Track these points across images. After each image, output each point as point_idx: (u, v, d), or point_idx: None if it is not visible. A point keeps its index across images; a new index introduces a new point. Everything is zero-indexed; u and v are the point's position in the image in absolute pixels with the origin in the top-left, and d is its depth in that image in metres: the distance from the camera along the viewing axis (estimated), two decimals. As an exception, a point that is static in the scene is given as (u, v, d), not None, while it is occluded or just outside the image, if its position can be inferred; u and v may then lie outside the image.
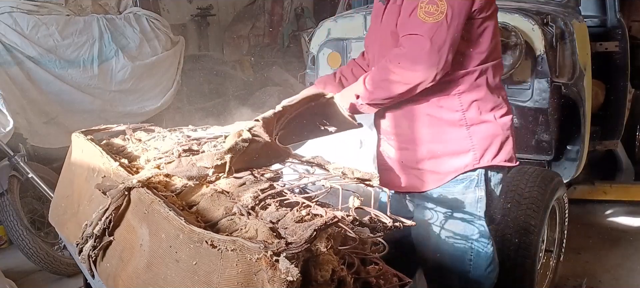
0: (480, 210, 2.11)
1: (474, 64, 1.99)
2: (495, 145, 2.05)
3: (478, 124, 2.03)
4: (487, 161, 2.05)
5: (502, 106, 2.08)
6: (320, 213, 1.35)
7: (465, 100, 2.00)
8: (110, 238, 1.62)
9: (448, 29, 1.84)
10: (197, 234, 1.26)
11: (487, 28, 1.98)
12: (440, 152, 2.05)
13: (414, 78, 1.88)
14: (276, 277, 1.10)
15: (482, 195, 2.10)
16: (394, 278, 1.50)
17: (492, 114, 2.04)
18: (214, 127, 2.25)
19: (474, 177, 2.07)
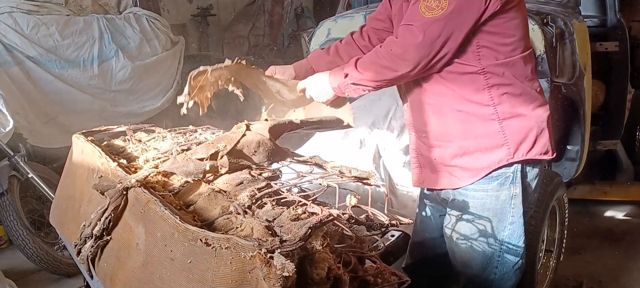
0: (514, 207, 2.08)
1: (502, 56, 1.96)
2: (530, 139, 2.01)
3: (511, 117, 1.99)
4: (522, 155, 2.01)
5: (536, 98, 2.04)
6: (316, 212, 1.35)
7: (496, 94, 1.97)
8: (109, 238, 1.62)
9: (444, 26, 1.85)
10: (192, 232, 1.26)
11: (514, 20, 1.95)
12: (473, 148, 2.03)
13: (400, 66, 1.91)
14: (271, 274, 1.09)
15: (516, 192, 2.07)
16: (392, 276, 1.49)
17: (525, 106, 2.00)
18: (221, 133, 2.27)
19: (509, 174, 2.04)
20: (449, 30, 1.86)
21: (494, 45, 1.95)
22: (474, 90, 1.98)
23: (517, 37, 1.97)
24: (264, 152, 1.77)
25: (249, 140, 1.79)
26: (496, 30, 1.93)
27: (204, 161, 1.71)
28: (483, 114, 1.99)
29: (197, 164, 1.71)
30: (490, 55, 1.95)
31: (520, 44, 1.99)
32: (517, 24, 1.97)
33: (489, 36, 1.93)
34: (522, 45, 2.00)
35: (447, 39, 1.87)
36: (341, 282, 1.31)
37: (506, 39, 1.96)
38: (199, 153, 1.74)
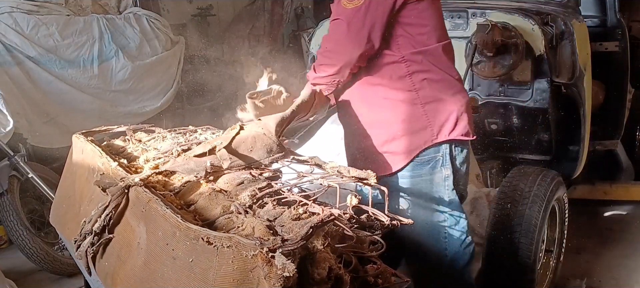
0: (448, 187, 2.25)
1: (419, 45, 2.13)
2: (451, 121, 2.17)
3: (432, 101, 2.15)
4: (445, 136, 2.18)
5: (455, 85, 2.22)
6: (317, 212, 1.35)
7: (417, 80, 2.14)
8: (110, 235, 1.61)
9: (366, 14, 2.03)
10: (193, 231, 1.26)
11: (427, 11, 2.13)
12: (400, 133, 2.18)
13: (338, 59, 2.12)
14: (272, 273, 1.10)
15: (448, 174, 2.23)
16: (392, 277, 1.49)
17: (444, 91, 2.17)
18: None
19: (439, 157, 2.21)
20: (371, 18, 2.04)
21: (410, 34, 2.12)
22: (397, 77, 2.15)
23: (430, 27, 2.15)
24: (262, 148, 1.78)
25: (244, 137, 1.80)
26: (410, 21, 2.11)
27: (204, 158, 1.71)
28: (407, 99, 2.16)
29: (197, 162, 1.71)
30: (407, 44, 2.13)
31: (434, 34, 2.17)
32: (430, 14, 2.15)
33: (404, 27, 2.11)
34: (437, 35, 2.19)
35: (372, 26, 2.05)
36: (342, 282, 1.31)
37: (420, 28, 2.13)
38: (197, 151, 1.75)
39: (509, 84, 3.36)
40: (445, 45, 2.22)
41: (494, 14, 3.33)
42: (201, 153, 1.89)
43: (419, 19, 2.13)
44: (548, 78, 3.26)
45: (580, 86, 3.43)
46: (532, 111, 3.37)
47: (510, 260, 2.79)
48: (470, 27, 3.39)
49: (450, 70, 2.23)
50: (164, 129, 2.44)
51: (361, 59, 2.11)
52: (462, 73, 3.29)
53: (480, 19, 3.33)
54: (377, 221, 1.47)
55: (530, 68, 3.28)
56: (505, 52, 3.20)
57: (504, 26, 3.18)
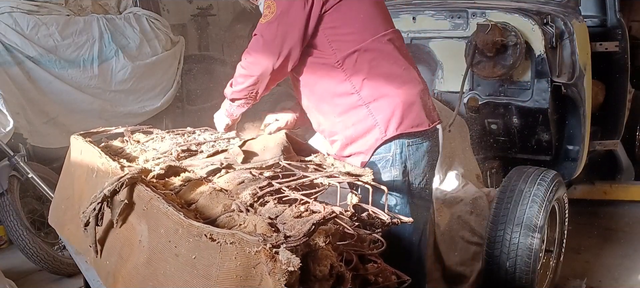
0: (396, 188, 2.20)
1: (353, 44, 2.14)
2: (396, 115, 2.14)
3: (375, 99, 2.14)
4: (393, 131, 2.15)
5: (399, 76, 2.18)
6: (318, 209, 1.35)
7: (356, 81, 2.14)
8: (124, 201, 1.59)
9: (278, 26, 2.10)
10: (196, 228, 1.26)
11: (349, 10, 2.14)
12: (354, 136, 2.19)
13: (254, 69, 2.18)
14: (277, 268, 1.10)
15: (397, 173, 2.20)
16: (392, 276, 1.50)
17: (387, 87, 2.15)
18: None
19: (389, 157, 2.19)
20: (283, 29, 2.10)
21: (341, 36, 2.14)
22: (338, 83, 2.16)
23: (359, 24, 2.16)
24: (275, 147, 1.79)
25: (257, 139, 1.83)
26: (334, 24, 2.14)
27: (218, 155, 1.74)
28: (351, 102, 2.17)
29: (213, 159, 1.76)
30: (342, 47, 2.14)
31: (366, 30, 2.17)
32: (355, 12, 2.16)
33: (332, 30, 2.14)
34: (371, 29, 2.18)
35: (284, 36, 2.11)
36: (343, 279, 1.31)
37: (349, 28, 2.15)
38: (211, 151, 1.78)
39: (509, 84, 3.36)
40: (380, 37, 2.19)
41: (494, 14, 3.34)
42: (214, 153, 1.92)
43: (344, 21, 2.15)
44: (548, 78, 3.26)
45: (580, 86, 3.43)
46: (532, 111, 3.37)
47: (510, 260, 2.79)
48: (470, 27, 3.39)
49: (392, 62, 2.20)
50: (164, 130, 2.44)
51: (280, 69, 2.16)
52: (462, 72, 3.31)
53: (480, 19, 3.34)
54: (377, 219, 1.47)
55: (530, 68, 3.28)
56: (505, 52, 3.20)
57: (504, 26, 3.19)
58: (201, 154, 1.98)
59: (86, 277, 2.02)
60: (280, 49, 2.12)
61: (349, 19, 2.15)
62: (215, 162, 1.79)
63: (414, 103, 2.18)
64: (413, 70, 2.25)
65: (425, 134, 2.23)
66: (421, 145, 2.23)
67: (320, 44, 2.16)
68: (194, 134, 2.40)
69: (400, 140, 2.18)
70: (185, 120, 5.77)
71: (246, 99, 2.29)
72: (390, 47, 2.21)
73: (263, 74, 2.17)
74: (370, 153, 2.19)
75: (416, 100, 2.19)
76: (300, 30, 2.11)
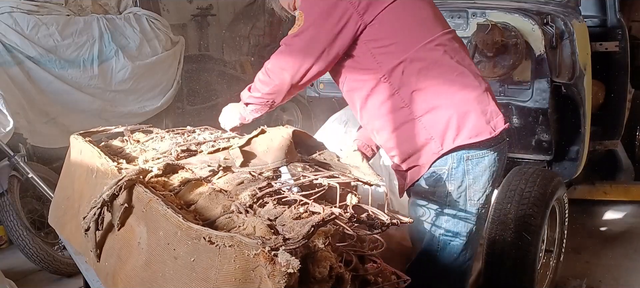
0: (450, 202, 2.10)
1: (394, 59, 2.01)
2: (452, 127, 2.01)
3: (426, 112, 2.02)
4: (450, 144, 2.02)
5: (451, 84, 2.03)
6: (317, 211, 1.35)
7: (405, 95, 2.02)
8: (124, 204, 1.58)
9: (303, 41, 2.03)
10: (195, 231, 1.26)
11: (386, 24, 2.02)
12: (410, 150, 2.09)
13: (274, 79, 2.12)
14: (276, 271, 1.10)
15: (452, 189, 2.08)
16: (392, 276, 1.50)
17: (438, 97, 2.02)
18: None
19: (444, 171, 2.06)
20: (308, 45, 2.03)
21: (385, 48, 2.02)
22: (386, 98, 2.05)
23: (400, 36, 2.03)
24: (279, 149, 1.78)
25: (261, 138, 1.82)
26: (378, 36, 2.02)
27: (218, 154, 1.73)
28: (402, 117, 2.05)
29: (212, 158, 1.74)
30: (387, 60, 2.02)
31: (412, 37, 2.03)
32: (390, 24, 2.02)
33: (375, 43, 2.02)
34: (415, 38, 2.03)
35: (307, 51, 2.03)
36: (343, 281, 1.31)
37: (393, 38, 2.02)
38: (211, 149, 1.77)
39: (509, 84, 3.36)
40: (428, 43, 2.03)
41: (494, 14, 3.33)
42: (215, 150, 1.92)
43: (388, 31, 2.03)
44: (548, 78, 3.26)
45: (580, 86, 3.42)
46: (532, 111, 3.37)
47: (510, 260, 2.79)
48: (470, 27, 3.39)
49: (443, 69, 2.04)
50: (163, 129, 2.44)
51: (299, 84, 2.10)
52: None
53: (480, 19, 3.33)
54: (377, 220, 1.47)
55: (530, 68, 3.27)
56: (505, 52, 3.20)
57: (504, 26, 3.18)
58: (201, 154, 1.97)
59: (86, 277, 2.03)
60: (301, 64, 2.05)
61: (392, 28, 2.02)
62: (214, 161, 1.78)
63: (470, 111, 2.02)
64: (469, 74, 2.06)
65: (488, 144, 2.06)
66: (482, 159, 2.07)
67: (364, 58, 2.05)
68: (194, 133, 2.40)
69: (458, 153, 2.04)
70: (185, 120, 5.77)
71: (261, 106, 2.23)
72: (440, 53, 2.04)
73: (281, 85, 2.11)
74: (427, 167, 2.08)
75: (472, 107, 2.02)
76: (326, 47, 2.02)
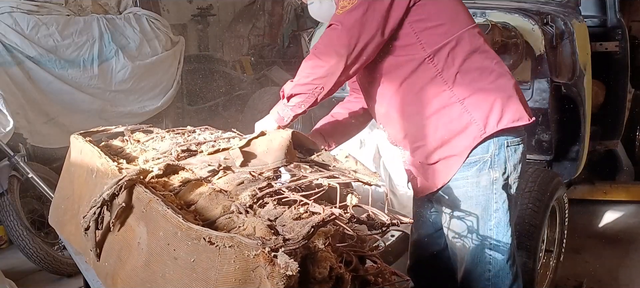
0: (496, 192, 2.04)
1: (443, 38, 1.97)
2: (496, 109, 1.98)
3: (470, 95, 1.98)
4: (493, 127, 1.97)
5: (493, 70, 2.02)
6: (318, 211, 1.35)
7: (448, 77, 1.97)
8: (122, 204, 1.58)
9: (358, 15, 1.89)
10: (195, 231, 1.26)
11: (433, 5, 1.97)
12: (447, 136, 2.01)
13: (328, 60, 1.93)
14: (275, 272, 1.10)
15: (496, 177, 2.02)
16: (392, 276, 1.50)
17: (481, 80, 1.99)
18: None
19: (487, 158, 2.01)
20: (363, 19, 1.89)
21: (431, 29, 1.97)
22: (428, 80, 1.99)
23: (449, 14, 2.00)
24: (279, 149, 1.77)
25: (261, 139, 1.80)
26: (424, 16, 1.96)
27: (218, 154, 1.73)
28: (443, 100, 1.99)
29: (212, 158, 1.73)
30: (431, 41, 1.96)
31: (456, 20, 2.00)
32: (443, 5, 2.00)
33: (421, 23, 1.96)
34: (460, 21, 2.01)
35: (363, 26, 1.90)
36: (343, 281, 1.31)
37: (439, 19, 1.98)
38: (211, 149, 1.77)
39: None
40: (471, 30, 2.02)
41: (494, 14, 3.33)
42: (215, 151, 1.91)
43: (434, 12, 1.97)
44: (548, 78, 3.25)
45: (580, 86, 3.43)
46: (532, 111, 3.36)
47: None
48: (470, 27, 3.39)
49: (484, 55, 2.02)
50: (163, 129, 2.43)
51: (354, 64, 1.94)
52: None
53: (480, 18, 3.33)
54: (377, 220, 1.47)
55: (530, 68, 3.27)
56: (505, 52, 3.20)
57: (504, 26, 3.18)
58: (201, 154, 1.97)
59: (86, 277, 2.02)
60: (357, 40, 1.90)
61: (438, 10, 1.99)
62: (214, 161, 1.78)
63: (512, 96, 2.01)
64: (502, 63, 2.08)
65: (522, 132, 2.06)
66: (518, 147, 2.05)
67: (406, 39, 1.98)
68: (194, 133, 2.39)
69: (499, 139, 2.00)
70: (185, 120, 5.78)
71: (308, 96, 2.00)
72: (481, 40, 2.04)
73: (336, 65, 1.92)
74: (465, 155, 2.01)
75: (514, 92, 2.02)
76: (380, 22, 1.92)
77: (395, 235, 2.60)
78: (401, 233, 2.61)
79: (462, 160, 2.02)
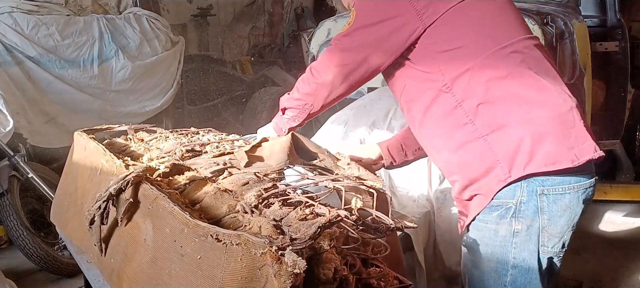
0: (516, 246, 1.73)
1: (460, 65, 1.70)
2: (524, 150, 1.65)
3: (495, 130, 1.68)
4: (520, 171, 1.66)
5: (527, 100, 1.67)
6: (323, 213, 1.35)
7: (469, 108, 1.69)
8: (129, 199, 1.58)
9: (350, 41, 1.80)
10: (202, 228, 1.26)
11: (450, 22, 1.71)
12: (473, 175, 1.75)
13: (319, 75, 1.86)
14: (283, 271, 1.10)
15: (519, 229, 1.71)
16: (394, 280, 1.50)
17: (510, 113, 1.67)
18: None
19: (511, 205, 1.70)
20: (358, 42, 1.80)
21: (450, 52, 1.72)
22: (448, 111, 1.74)
23: (469, 38, 1.72)
24: (281, 151, 1.78)
25: (264, 144, 1.82)
26: (441, 38, 1.72)
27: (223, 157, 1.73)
28: (465, 135, 1.72)
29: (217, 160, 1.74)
30: (451, 66, 1.71)
31: (482, 41, 1.71)
32: (457, 24, 1.72)
33: (438, 46, 1.73)
34: (491, 40, 1.72)
35: (357, 49, 1.79)
36: (347, 283, 1.31)
37: (459, 41, 1.72)
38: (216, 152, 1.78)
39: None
40: (501, 49, 1.70)
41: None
42: (220, 154, 1.92)
43: (453, 33, 1.71)
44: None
45: (580, 86, 3.44)
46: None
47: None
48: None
49: (518, 81, 1.68)
50: (165, 130, 2.44)
51: (341, 88, 1.84)
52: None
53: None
54: (382, 224, 1.47)
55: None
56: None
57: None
58: (205, 154, 1.97)
59: (87, 276, 2.02)
60: (345, 64, 1.80)
61: (459, 30, 1.71)
62: (219, 162, 1.79)
63: (548, 133, 1.64)
64: (551, 89, 1.69)
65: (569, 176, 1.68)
66: (562, 196, 1.68)
67: (424, 63, 1.74)
68: (198, 134, 2.40)
69: (530, 184, 1.67)
70: (185, 120, 5.79)
71: (299, 111, 1.93)
72: (516, 61, 1.69)
73: (322, 85, 1.85)
74: (490, 198, 1.72)
75: (551, 129, 1.65)
76: (374, 50, 1.77)
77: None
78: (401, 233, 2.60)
79: (487, 202, 1.74)
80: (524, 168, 1.65)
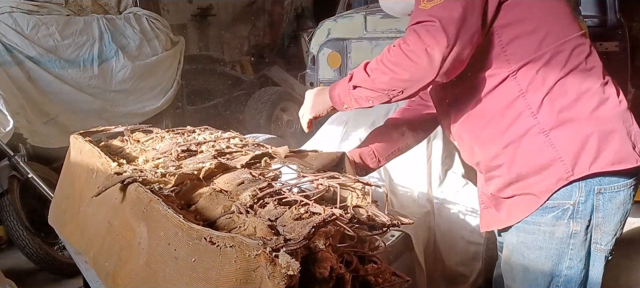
0: (573, 247, 1.67)
1: (529, 53, 1.59)
2: (590, 147, 1.57)
3: (559, 125, 1.58)
4: (584, 170, 1.58)
5: (594, 94, 1.59)
6: (318, 212, 1.35)
7: (532, 100, 1.60)
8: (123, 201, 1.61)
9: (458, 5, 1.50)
10: (196, 231, 1.26)
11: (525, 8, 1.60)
12: (525, 171, 1.65)
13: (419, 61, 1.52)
14: (276, 272, 1.10)
15: (577, 229, 1.64)
16: (392, 277, 1.50)
17: (577, 108, 1.58)
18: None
19: (569, 205, 1.63)
20: (464, 10, 1.50)
21: (520, 38, 1.60)
22: (508, 101, 1.63)
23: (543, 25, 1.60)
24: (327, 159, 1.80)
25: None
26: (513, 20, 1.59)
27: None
28: (524, 128, 1.62)
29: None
30: (519, 52, 1.60)
31: (552, 31, 1.60)
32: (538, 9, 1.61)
33: (509, 29, 1.60)
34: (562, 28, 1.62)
35: (464, 20, 1.50)
36: (343, 281, 1.31)
37: (531, 26, 1.60)
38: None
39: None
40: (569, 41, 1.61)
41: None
42: (261, 154, 1.94)
43: (526, 17, 1.59)
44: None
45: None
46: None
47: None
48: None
49: (585, 75, 1.60)
50: (163, 129, 2.44)
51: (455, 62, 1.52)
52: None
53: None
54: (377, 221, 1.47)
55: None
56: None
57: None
58: (201, 154, 1.97)
59: (86, 277, 2.02)
60: (455, 40, 1.49)
61: (531, 15, 1.59)
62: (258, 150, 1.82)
63: (615, 131, 1.58)
64: (613, 85, 1.65)
65: (628, 175, 1.62)
66: (617, 193, 1.63)
67: (489, 48, 1.61)
68: (193, 133, 2.40)
69: (589, 183, 1.60)
70: (185, 120, 5.79)
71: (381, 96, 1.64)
72: (582, 55, 1.61)
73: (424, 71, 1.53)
74: (544, 198, 1.63)
75: (618, 126, 1.59)
76: (481, 17, 1.54)
77: (396, 235, 2.60)
78: (401, 233, 2.61)
79: (540, 203, 1.65)
80: (590, 167, 1.58)
